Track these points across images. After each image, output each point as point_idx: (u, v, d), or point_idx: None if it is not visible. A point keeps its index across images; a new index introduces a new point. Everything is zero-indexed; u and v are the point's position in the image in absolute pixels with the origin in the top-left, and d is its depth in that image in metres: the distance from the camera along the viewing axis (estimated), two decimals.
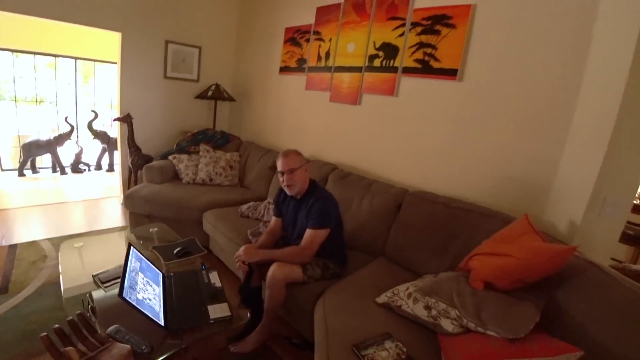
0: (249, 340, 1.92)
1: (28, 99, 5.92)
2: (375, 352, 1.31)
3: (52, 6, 3.21)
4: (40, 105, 6.01)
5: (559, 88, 1.82)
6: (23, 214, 3.69)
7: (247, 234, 2.37)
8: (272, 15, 3.77)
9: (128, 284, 1.37)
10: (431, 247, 2.01)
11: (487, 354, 1.13)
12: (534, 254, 1.33)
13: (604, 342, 1.15)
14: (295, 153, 1.97)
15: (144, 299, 1.41)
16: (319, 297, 1.78)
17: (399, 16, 2.50)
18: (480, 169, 2.16)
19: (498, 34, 2.04)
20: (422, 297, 1.49)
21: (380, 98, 2.68)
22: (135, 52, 3.71)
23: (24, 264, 2.69)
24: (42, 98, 6.05)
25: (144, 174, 3.26)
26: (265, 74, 3.90)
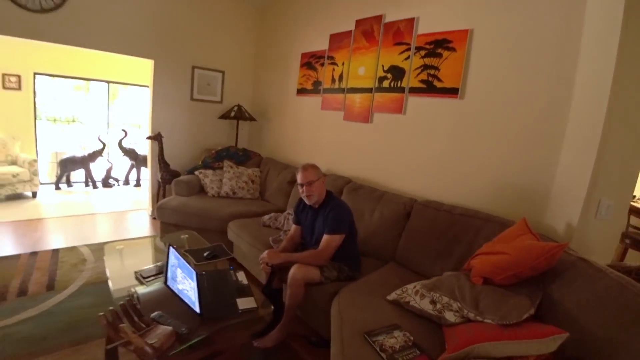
0: (270, 337, 2.10)
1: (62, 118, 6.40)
2: (384, 339, 1.48)
3: (96, 38, 3.61)
4: (71, 124, 6.49)
5: (552, 102, 1.99)
6: (60, 223, 4.03)
7: (269, 240, 2.59)
8: (289, 41, 4.09)
9: (170, 276, 1.60)
10: (437, 251, 2.18)
11: (482, 337, 1.29)
12: (526, 251, 1.50)
13: (590, 328, 1.29)
14: (313, 167, 2.19)
15: (182, 289, 1.63)
16: (334, 296, 1.95)
17: (404, 41, 2.74)
18: (482, 178, 2.33)
19: (494, 55, 2.25)
20: (427, 292, 1.66)
21: (389, 116, 2.90)
22: (166, 76, 4.08)
23: (66, 266, 2.96)
24: (75, 117, 6.54)
25: (173, 187, 3.55)
26: (283, 95, 4.20)
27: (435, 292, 1.63)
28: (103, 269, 2.90)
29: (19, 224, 3.87)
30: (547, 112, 2.02)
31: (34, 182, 4.84)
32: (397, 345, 1.45)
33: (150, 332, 1.49)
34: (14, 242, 3.36)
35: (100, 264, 3.02)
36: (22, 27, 3.26)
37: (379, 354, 1.40)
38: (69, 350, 1.98)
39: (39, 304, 2.39)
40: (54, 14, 3.37)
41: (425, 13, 2.64)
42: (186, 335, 1.51)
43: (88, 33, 3.57)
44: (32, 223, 3.94)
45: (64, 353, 1.95)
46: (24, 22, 3.25)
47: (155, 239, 3.12)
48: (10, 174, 4.57)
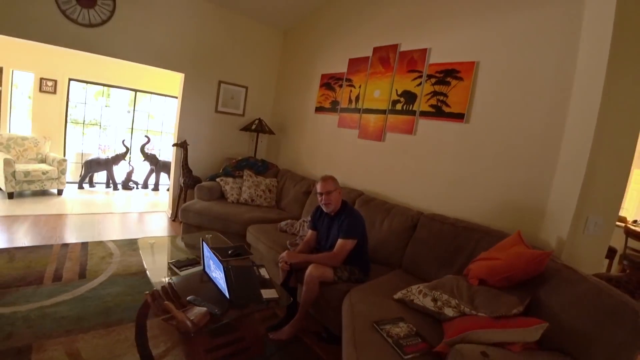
0: (284, 331, 2.31)
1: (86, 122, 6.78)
2: (391, 328, 1.71)
3: (135, 51, 3.98)
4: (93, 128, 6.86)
5: (548, 128, 2.23)
6: (85, 219, 4.31)
7: (287, 244, 2.83)
8: (310, 63, 4.42)
9: (206, 265, 1.84)
10: (440, 259, 2.40)
11: (475, 326, 1.51)
12: (517, 257, 1.73)
13: (570, 323, 1.51)
14: (331, 178, 2.45)
15: (215, 277, 1.87)
16: (345, 294, 2.17)
17: (417, 69, 3.03)
18: (484, 195, 2.56)
19: (497, 85, 2.52)
20: (429, 291, 1.88)
21: (401, 136, 3.17)
22: (194, 89, 4.41)
23: (95, 258, 3.21)
24: (97, 121, 6.91)
25: (196, 192, 3.82)
26: (302, 112, 4.50)
27: (437, 291, 1.85)
28: (129, 263, 3.18)
29: (48, 217, 4.16)
30: (544, 137, 2.26)
31: (61, 180, 5.15)
32: (402, 333, 1.67)
33: (187, 311, 1.72)
34: (44, 234, 3.63)
35: (126, 258, 3.27)
36: (72, 39, 3.63)
37: (385, 340, 1.62)
38: (103, 331, 2.20)
39: (73, 289, 2.62)
40: (101, 28, 3.74)
41: (437, 45, 2.93)
42: (218, 316, 1.74)
43: (127, 47, 3.92)
44: (60, 218, 4.22)
45: (99, 333, 2.17)
46: (73, 34, 3.62)
47: (176, 238, 3.36)
48: (41, 171, 4.88)
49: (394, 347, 1.57)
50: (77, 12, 3.58)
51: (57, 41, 3.57)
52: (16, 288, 2.52)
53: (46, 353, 1.93)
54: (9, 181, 4.54)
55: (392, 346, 1.58)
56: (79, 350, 1.99)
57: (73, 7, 3.55)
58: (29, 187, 4.80)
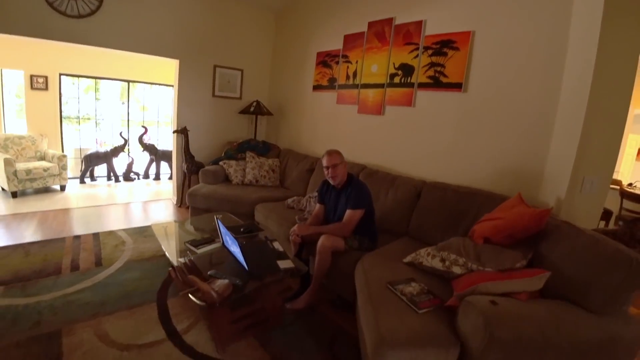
0: (300, 300, 2.43)
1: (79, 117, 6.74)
2: (404, 287, 1.81)
3: (127, 40, 3.94)
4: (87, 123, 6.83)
5: (544, 94, 2.31)
6: (91, 212, 4.37)
7: (296, 219, 2.92)
8: (305, 41, 4.41)
9: (224, 240, 1.92)
10: (445, 224, 2.51)
11: (483, 279, 1.62)
12: (519, 215, 1.83)
13: (569, 272, 1.63)
14: (337, 152, 2.51)
15: (234, 252, 1.96)
16: (356, 262, 2.27)
17: (413, 42, 3.06)
18: (484, 162, 2.65)
19: (493, 53, 2.56)
20: (437, 252, 1.99)
21: (400, 109, 3.22)
22: (190, 75, 4.40)
23: (108, 247, 3.30)
24: (90, 116, 6.87)
25: (201, 176, 3.89)
26: (300, 91, 4.53)
27: (444, 252, 1.96)
28: (142, 249, 3.27)
29: (55, 212, 4.21)
30: (540, 102, 2.33)
31: (62, 176, 5.17)
32: (415, 291, 1.78)
33: (211, 284, 1.82)
34: (55, 228, 3.70)
35: (139, 245, 3.36)
36: (61, 32, 3.57)
37: (400, 297, 1.73)
38: (126, 312, 2.30)
39: (92, 277, 2.72)
40: (90, 19, 3.68)
41: (432, 16, 2.95)
42: (240, 287, 1.84)
43: (120, 36, 3.88)
44: (67, 212, 4.28)
45: (123, 314, 2.28)
46: (63, 27, 3.56)
47: (185, 223, 3.44)
48: (42, 169, 4.89)
49: (409, 303, 1.68)
50: (64, 4, 3.52)
51: (47, 35, 3.51)
52: (36, 280, 2.60)
53: (76, 336, 2.03)
54: (11, 180, 4.56)
55: (406, 303, 1.69)
56: (106, 331, 2.10)
57: None
58: (31, 185, 4.83)
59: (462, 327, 1.48)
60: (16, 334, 2.00)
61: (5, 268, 2.74)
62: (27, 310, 2.23)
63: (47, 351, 1.89)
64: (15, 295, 2.38)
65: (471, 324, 1.42)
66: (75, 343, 1.97)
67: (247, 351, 1.99)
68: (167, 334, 2.09)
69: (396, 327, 1.50)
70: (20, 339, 1.96)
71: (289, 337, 2.15)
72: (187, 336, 2.08)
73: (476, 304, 1.45)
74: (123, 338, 2.04)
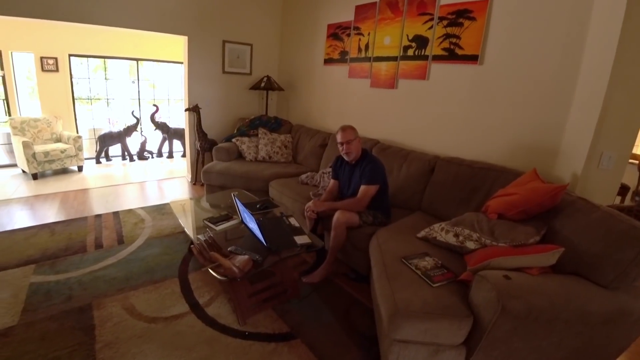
0: (316, 274, 2.51)
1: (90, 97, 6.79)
2: (418, 261, 1.86)
3: (135, 18, 3.89)
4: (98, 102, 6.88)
5: (563, 66, 2.24)
6: (109, 191, 4.49)
7: (310, 194, 2.97)
8: (314, 13, 4.29)
9: (243, 217, 1.98)
10: (458, 199, 2.52)
11: (496, 254, 1.65)
12: (533, 191, 1.82)
13: (583, 247, 1.63)
14: (351, 128, 2.51)
15: (252, 228, 2.02)
16: (370, 237, 2.33)
17: (427, 12, 2.96)
18: (499, 136, 2.62)
19: (511, 23, 2.47)
20: (451, 227, 2.01)
21: (414, 82, 3.16)
22: (199, 51, 4.36)
23: (129, 225, 3.41)
24: (100, 96, 6.91)
25: (214, 153, 3.93)
26: (311, 65, 4.45)
27: (458, 227, 1.98)
28: (161, 226, 3.37)
29: (76, 193, 4.34)
30: (558, 75, 2.27)
31: (79, 157, 5.28)
32: (429, 265, 1.82)
33: (232, 259, 1.89)
34: (77, 208, 3.83)
35: (157, 222, 3.47)
36: (69, 12, 3.54)
37: (414, 272, 1.78)
38: (150, 287, 2.41)
39: (115, 254, 2.83)
40: None
41: None
42: (260, 262, 1.91)
43: (127, 14, 3.84)
44: (86, 192, 4.40)
45: (147, 289, 2.39)
46: (70, 6, 3.52)
47: (200, 200, 3.52)
48: (59, 150, 5.00)
49: (423, 277, 1.72)
50: None
51: (55, 15, 3.49)
52: (64, 257, 2.73)
53: (105, 309, 2.15)
54: (30, 163, 4.68)
55: (421, 277, 1.73)
56: (133, 304, 2.21)
57: None
58: (50, 167, 4.96)
59: (474, 300, 1.52)
60: (50, 308, 2.14)
61: (34, 247, 2.88)
62: (58, 286, 2.36)
63: (81, 323, 2.02)
64: (46, 273, 2.51)
65: (484, 297, 1.46)
66: (105, 316, 2.09)
67: (267, 322, 2.09)
68: (190, 306, 2.21)
69: (411, 299, 1.56)
70: (55, 313, 2.09)
71: (306, 309, 2.24)
72: (209, 309, 2.18)
73: (489, 278, 1.49)
74: (149, 311, 2.15)
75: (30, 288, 2.32)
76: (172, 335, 1.95)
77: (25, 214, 3.62)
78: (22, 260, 2.65)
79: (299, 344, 1.94)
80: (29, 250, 2.82)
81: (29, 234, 3.12)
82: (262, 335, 1.99)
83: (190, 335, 1.96)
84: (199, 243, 2.07)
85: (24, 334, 1.91)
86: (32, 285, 2.35)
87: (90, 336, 1.92)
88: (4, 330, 1.93)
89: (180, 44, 4.48)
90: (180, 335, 1.96)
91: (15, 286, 2.33)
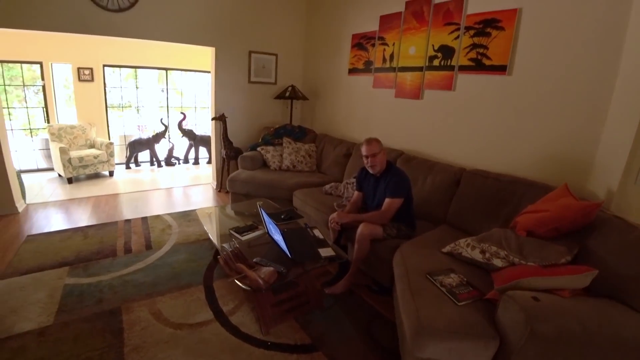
0: (339, 285, 2.50)
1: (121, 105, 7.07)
2: (443, 278, 1.82)
3: (165, 31, 4.05)
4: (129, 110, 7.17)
5: (598, 76, 2.15)
6: (137, 196, 4.65)
7: (334, 205, 2.97)
8: (339, 23, 4.32)
9: (268, 229, 2.01)
10: (485, 213, 2.46)
11: (525, 273, 1.60)
12: (565, 208, 1.76)
13: (617, 269, 1.56)
14: (376, 141, 2.50)
15: (277, 240, 2.04)
16: (395, 250, 2.29)
17: (453, 21, 2.92)
18: (527, 149, 2.54)
19: (542, 32, 2.40)
20: (477, 244, 1.97)
21: (439, 93, 3.13)
22: (226, 62, 4.48)
23: (156, 230, 3.52)
24: (131, 104, 7.19)
25: (240, 162, 4.01)
26: (335, 75, 4.48)
27: (485, 243, 1.94)
28: (187, 233, 3.46)
29: (107, 197, 4.53)
30: (593, 85, 2.18)
31: (110, 163, 5.52)
32: (454, 282, 1.79)
33: (257, 271, 1.92)
34: (108, 212, 3.99)
35: (184, 229, 3.56)
36: (105, 26, 3.74)
37: (439, 288, 1.75)
38: (177, 293, 2.48)
39: (144, 259, 2.93)
40: (130, 12, 3.81)
41: None
42: (284, 274, 1.93)
43: (157, 27, 4.00)
44: (116, 197, 4.58)
45: (174, 295, 2.45)
46: (105, 21, 3.72)
47: (225, 207, 3.59)
48: (92, 156, 5.24)
49: (448, 295, 1.69)
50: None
51: (91, 30, 3.69)
52: (96, 261, 2.85)
53: (134, 313, 2.22)
54: (66, 167, 4.93)
55: (446, 294, 1.70)
56: (160, 309, 2.28)
57: None
58: (84, 172, 5.21)
59: (501, 321, 1.48)
60: (83, 309, 2.23)
61: (69, 249, 3.02)
62: (90, 288, 2.46)
63: (111, 326, 2.09)
64: (79, 275, 2.62)
65: (511, 318, 1.42)
66: (134, 320, 2.16)
67: (289, 332, 2.10)
68: (214, 314, 2.25)
69: (435, 317, 1.53)
70: (87, 315, 2.18)
71: (328, 320, 2.24)
72: (233, 317, 2.22)
73: (517, 299, 1.45)
74: (175, 317, 2.21)
75: (65, 289, 2.43)
76: (196, 342, 2.00)
77: (61, 217, 3.80)
78: (57, 262, 2.79)
79: (320, 356, 1.94)
80: (63, 252, 2.97)
81: (64, 236, 3.28)
82: (284, 346, 2.00)
83: (215, 343, 2.00)
84: (225, 254, 2.11)
85: (59, 334, 2.01)
86: (67, 287, 2.46)
87: (119, 339, 1.99)
88: (41, 329, 2.03)
89: (206, 54, 4.62)
90: (204, 343, 2.00)
91: (51, 287, 2.45)
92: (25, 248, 3.01)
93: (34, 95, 6.37)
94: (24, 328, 2.04)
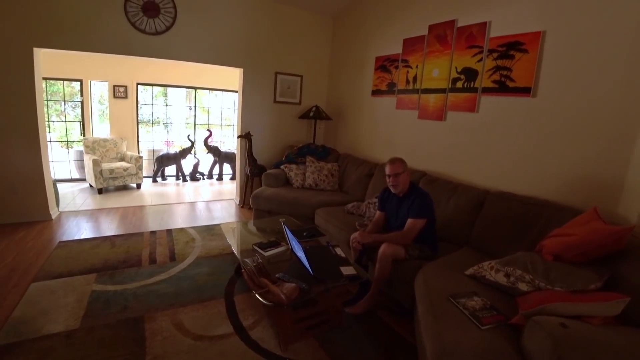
0: (359, 305, 2.48)
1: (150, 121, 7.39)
2: (466, 301, 1.79)
3: (197, 52, 4.27)
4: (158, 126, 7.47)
5: (626, 94, 2.09)
6: (163, 209, 4.79)
7: (356, 225, 2.99)
8: (363, 46, 4.43)
9: (292, 246, 2.04)
10: (509, 236, 2.42)
11: (552, 299, 1.56)
12: (594, 232, 1.72)
13: None
14: (400, 161, 2.52)
15: (300, 256, 2.07)
16: (417, 271, 2.26)
17: (477, 44, 2.95)
18: (553, 171, 2.49)
19: (568, 55, 2.38)
20: (502, 267, 1.94)
21: (462, 115, 3.14)
22: (253, 82, 4.65)
23: (180, 243, 3.61)
24: (161, 120, 7.50)
25: (263, 179, 4.10)
26: (358, 96, 4.57)
27: (509, 267, 1.90)
28: (210, 246, 3.52)
29: (135, 209, 4.69)
30: (621, 106, 2.12)
31: (138, 176, 5.74)
32: (477, 306, 1.75)
33: (280, 286, 1.94)
34: (135, 223, 4.13)
35: (207, 242, 3.63)
36: (142, 48, 4.00)
37: (462, 312, 1.72)
38: (198, 305, 2.52)
39: (167, 270, 3.00)
40: (165, 35, 4.06)
41: (497, 17, 2.83)
42: (306, 290, 1.94)
43: (191, 49, 4.23)
44: (143, 209, 4.74)
45: (195, 307, 2.49)
46: (143, 43, 3.98)
47: (247, 223, 3.65)
48: (122, 168, 5.47)
49: (471, 318, 1.66)
50: (144, 23, 3.92)
51: (130, 51, 3.96)
52: (122, 270, 2.94)
53: (156, 323, 2.27)
54: (97, 179, 5.17)
55: (469, 318, 1.67)
56: (181, 320, 2.32)
57: (141, 19, 3.90)
58: (113, 183, 5.43)
59: (527, 347, 1.44)
60: (108, 316, 2.30)
61: (97, 257, 3.13)
62: (115, 296, 2.54)
63: (134, 334, 2.15)
64: (106, 282, 2.72)
65: (538, 345, 1.38)
66: (156, 329, 2.21)
67: (308, 350, 2.09)
68: (234, 328, 2.27)
69: (459, 342, 1.50)
70: (111, 321, 2.25)
71: (348, 340, 2.22)
72: (253, 332, 2.23)
73: (544, 325, 1.41)
74: (196, 329, 2.24)
75: (92, 295, 2.53)
76: (216, 355, 2.01)
77: (91, 225, 3.96)
78: (86, 269, 2.90)
79: None
80: (92, 259, 3.09)
81: (94, 244, 3.41)
82: None
83: (234, 357, 2.01)
84: (249, 268, 2.15)
85: (85, 338, 2.07)
86: (94, 293, 2.55)
87: (142, 347, 2.03)
88: (68, 332, 2.11)
89: (233, 74, 4.82)
90: (223, 356, 2.01)
91: (79, 292, 2.55)
92: (57, 254, 3.15)
93: (71, 110, 6.76)
94: (53, 330, 2.12)
